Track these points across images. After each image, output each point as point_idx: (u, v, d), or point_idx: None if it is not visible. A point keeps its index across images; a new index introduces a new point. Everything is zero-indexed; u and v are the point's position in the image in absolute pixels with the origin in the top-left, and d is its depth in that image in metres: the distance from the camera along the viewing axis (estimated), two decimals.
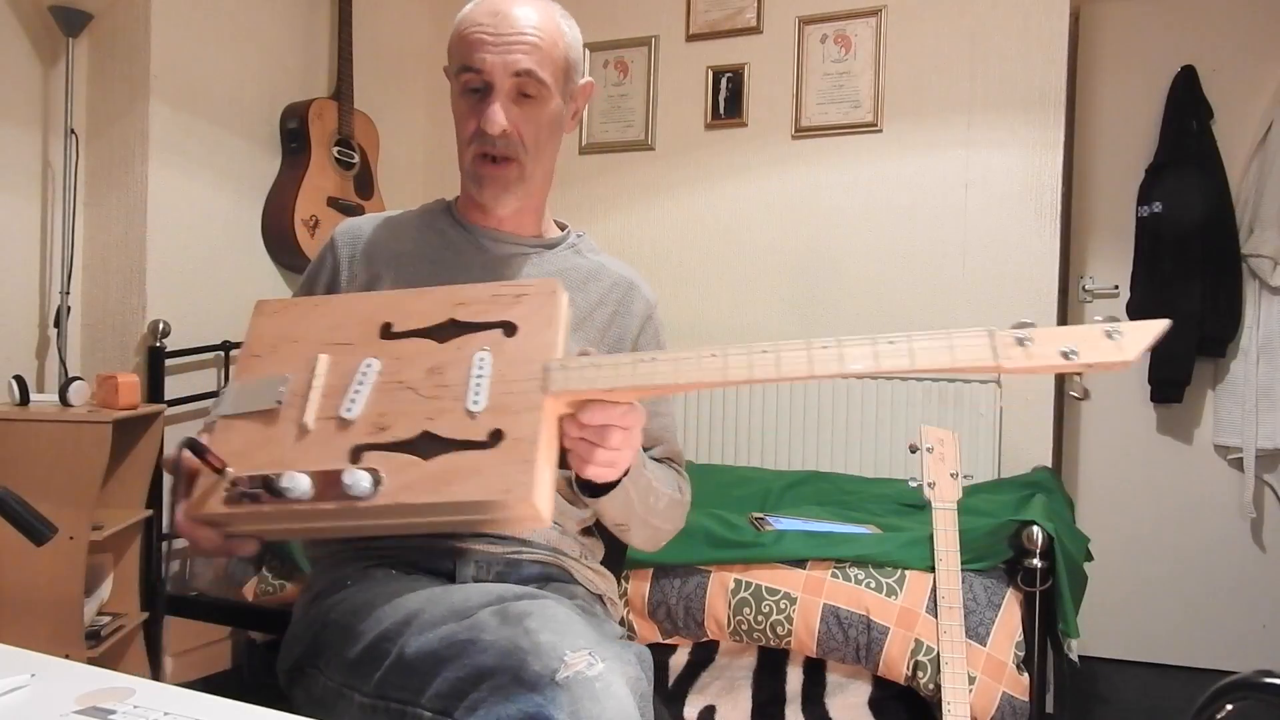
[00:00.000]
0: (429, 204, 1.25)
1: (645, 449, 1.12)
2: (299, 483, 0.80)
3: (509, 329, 0.89)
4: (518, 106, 1.09)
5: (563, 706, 0.76)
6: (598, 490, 0.97)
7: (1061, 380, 2.99)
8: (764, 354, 0.79)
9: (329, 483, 0.80)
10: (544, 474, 0.79)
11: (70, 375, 2.34)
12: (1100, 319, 0.74)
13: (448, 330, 0.90)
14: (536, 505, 0.76)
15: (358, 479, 0.79)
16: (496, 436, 0.81)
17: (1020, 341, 0.75)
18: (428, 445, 0.82)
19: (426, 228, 1.20)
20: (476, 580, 1.05)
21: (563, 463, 0.88)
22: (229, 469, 0.82)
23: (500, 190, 1.12)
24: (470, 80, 1.08)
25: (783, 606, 1.84)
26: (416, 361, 0.89)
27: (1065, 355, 0.73)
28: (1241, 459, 2.80)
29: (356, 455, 0.82)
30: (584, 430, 0.84)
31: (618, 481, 0.96)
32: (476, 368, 0.86)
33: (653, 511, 1.10)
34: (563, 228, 1.27)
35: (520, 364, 0.86)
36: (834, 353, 0.79)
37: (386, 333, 0.92)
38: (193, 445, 0.83)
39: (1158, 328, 0.72)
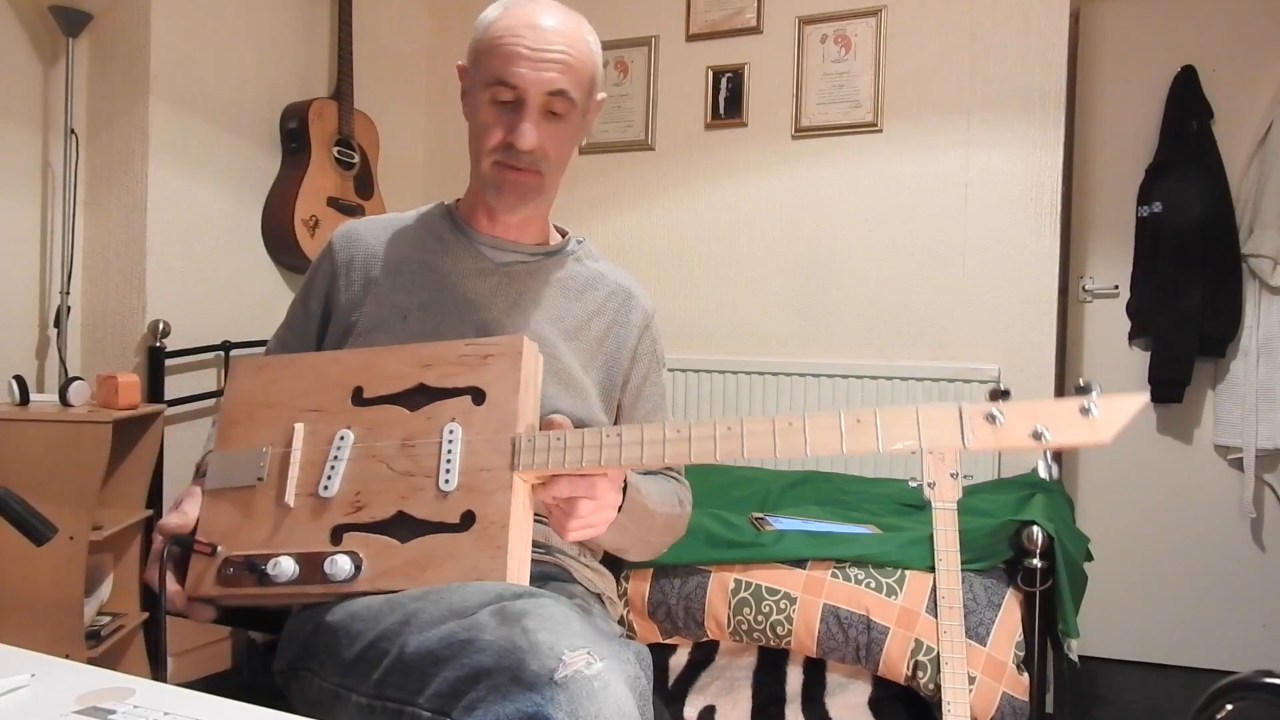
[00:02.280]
0: (428, 208, 1.24)
1: None
2: (284, 568, 0.86)
3: (477, 396, 0.91)
4: (546, 123, 1.09)
5: (561, 706, 0.76)
6: None
7: (1062, 375, 2.99)
8: (728, 431, 0.81)
9: (312, 566, 0.86)
10: (517, 551, 0.85)
11: (70, 375, 2.34)
12: (1077, 390, 0.70)
13: (417, 397, 0.93)
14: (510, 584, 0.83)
15: (339, 565, 0.85)
16: (469, 519, 0.85)
17: (989, 418, 0.74)
18: (403, 527, 0.87)
19: (426, 233, 1.19)
20: None
21: None
22: (219, 548, 0.89)
23: (518, 200, 1.13)
24: (502, 93, 1.08)
25: (783, 606, 1.84)
26: (388, 431, 0.93)
27: (1035, 436, 0.71)
28: (1241, 459, 2.80)
29: (337, 536, 0.88)
30: (554, 501, 0.89)
31: None
32: (446, 441, 0.90)
33: (651, 530, 1.10)
34: (564, 234, 1.27)
35: (489, 435, 0.89)
36: (799, 429, 0.79)
37: (358, 398, 0.96)
38: (179, 542, 0.89)
39: (1135, 404, 0.69)
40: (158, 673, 0.95)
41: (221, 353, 2.72)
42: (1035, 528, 1.78)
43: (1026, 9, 2.82)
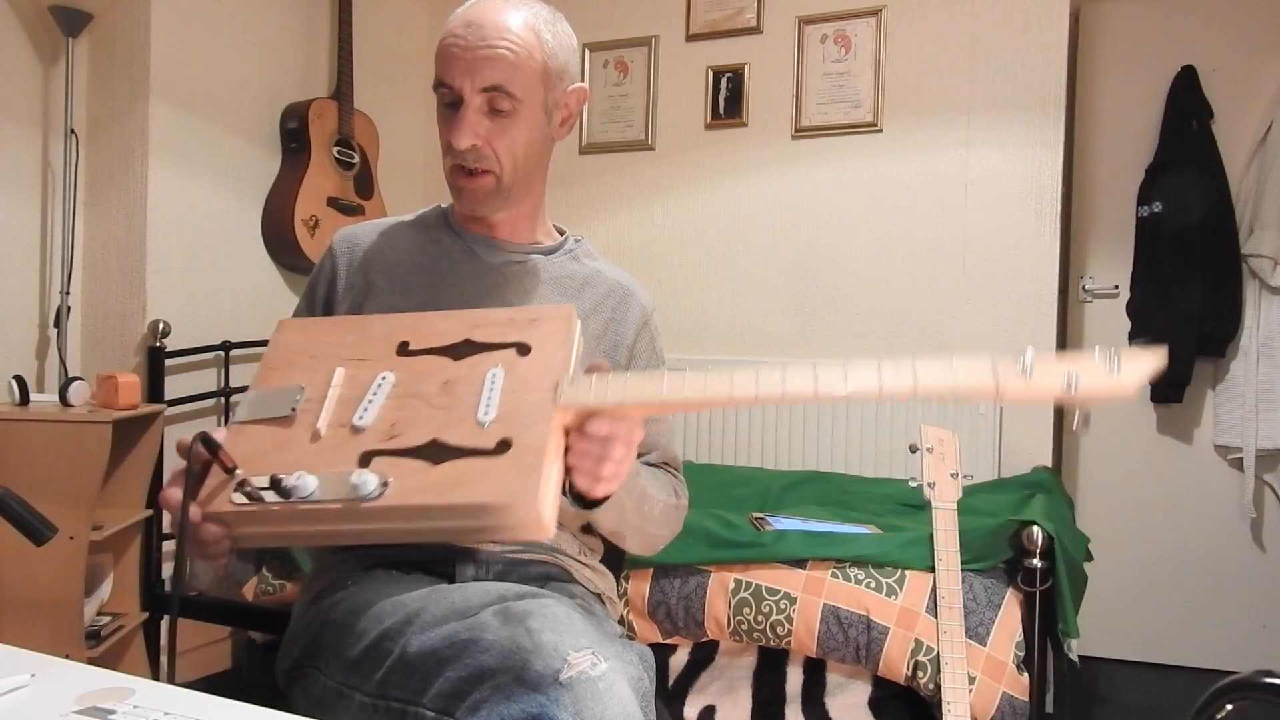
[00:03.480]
0: (426, 211, 1.24)
1: (640, 455, 1.12)
2: (306, 482, 0.81)
3: (523, 349, 0.91)
4: (490, 120, 1.08)
5: (566, 706, 0.76)
6: (592, 503, 0.97)
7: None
8: (773, 372, 0.82)
9: (336, 484, 0.81)
10: (549, 482, 0.81)
11: (70, 375, 2.34)
12: (1097, 348, 0.75)
13: (463, 349, 0.93)
14: (540, 510, 0.77)
15: (365, 479, 0.80)
16: (504, 445, 0.82)
17: (1023, 369, 0.76)
18: (436, 452, 0.83)
19: (423, 236, 1.19)
20: (476, 580, 1.05)
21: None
22: (238, 470, 0.83)
23: (475, 202, 1.12)
24: (444, 95, 1.08)
25: (783, 606, 1.84)
26: (430, 376, 0.91)
27: (1068, 385, 0.74)
28: (1241, 459, 2.80)
29: (366, 460, 0.83)
30: (588, 442, 0.85)
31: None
32: (489, 382, 0.88)
33: (648, 519, 1.10)
34: (561, 233, 1.26)
35: (532, 380, 0.88)
36: (839, 371, 0.81)
37: (403, 350, 0.94)
38: (206, 440, 0.83)
39: (1154, 359, 0.73)
40: (186, 575, 0.89)
41: (221, 353, 2.72)
42: (1035, 528, 1.78)
43: (1026, 9, 2.82)
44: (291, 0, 2.99)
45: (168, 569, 2.58)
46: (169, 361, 2.55)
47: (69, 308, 2.45)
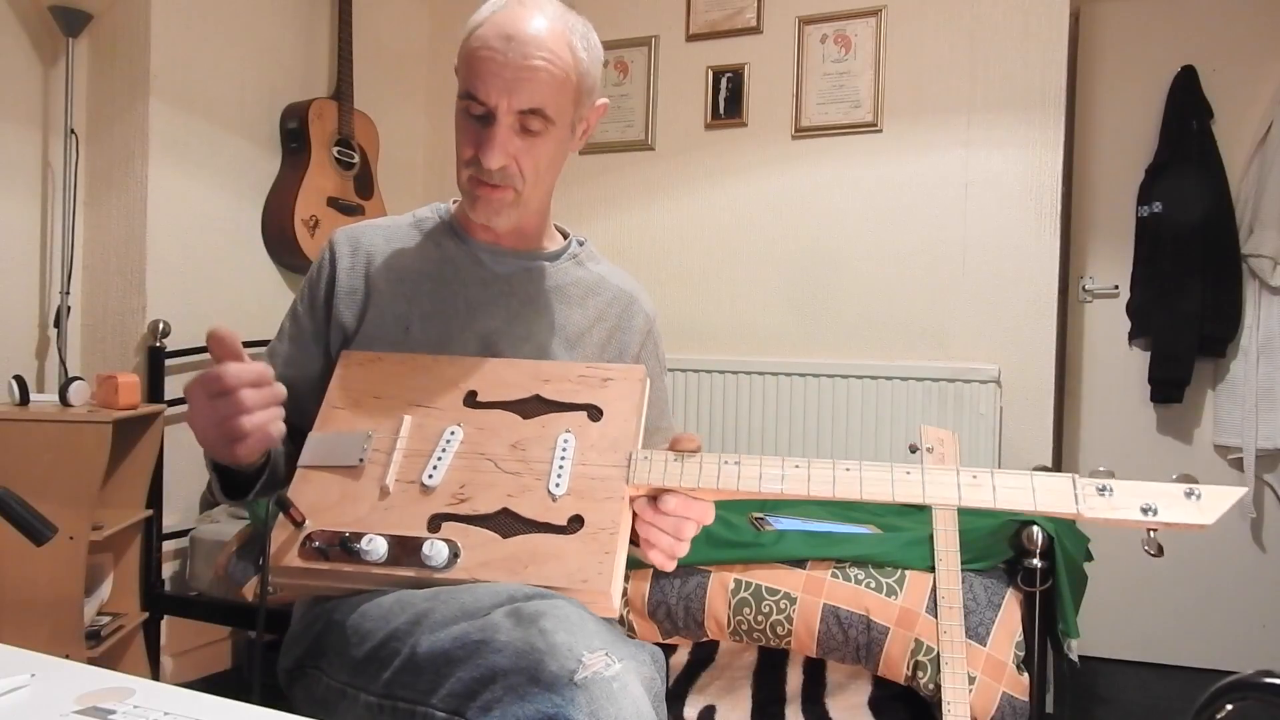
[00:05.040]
0: (425, 212, 1.22)
1: None
2: (377, 546, 0.81)
3: (594, 413, 0.91)
4: (520, 139, 1.05)
5: (581, 707, 0.76)
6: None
7: (1062, 375, 2.99)
8: (847, 471, 0.81)
9: (407, 550, 0.81)
10: (620, 564, 0.82)
11: (70, 375, 2.34)
12: (1175, 478, 0.75)
13: (532, 406, 0.92)
14: (612, 595, 0.79)
15: (437, 550, 0.80)
16: (576, 522, 0.82)
17: (1101, 490, 0.76)
18: (508, 524, 0.83)
19: (425, 240, 1.17)
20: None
21: None
22: (307, 522, 0.83)
23: (492, 213, 1.10)
24: (473, 108, 1.05)
25: (783, 606, 1.84)
26: (500, 434, 0.90)
27: (1144, 511, 0.74)
28: (1241, 459, 2.80)
29: (435, 524, 0.83)
30: (663, 519, 0.86)
31: None
32: (560, 449, 0.88)
33: None
34: (564, 235, 1.26)
35: (604, 450, 0.87)
36: (916, 479, 0.81)
37: (471, 401, 0.93)
38: (279, 502, 0.84)
39: (1236, 493, 0.73)
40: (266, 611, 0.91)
41: None
42: (1035, 528, 1.78)
43: (1026, 9, 2.82)
44: (291, 0, 2.99)
45: (168, 569, 2.58)
46: (169, 361, 2.55)
47: (69, 308, 2.45)
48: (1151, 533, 0.75)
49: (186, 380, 2.73)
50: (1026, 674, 1.73)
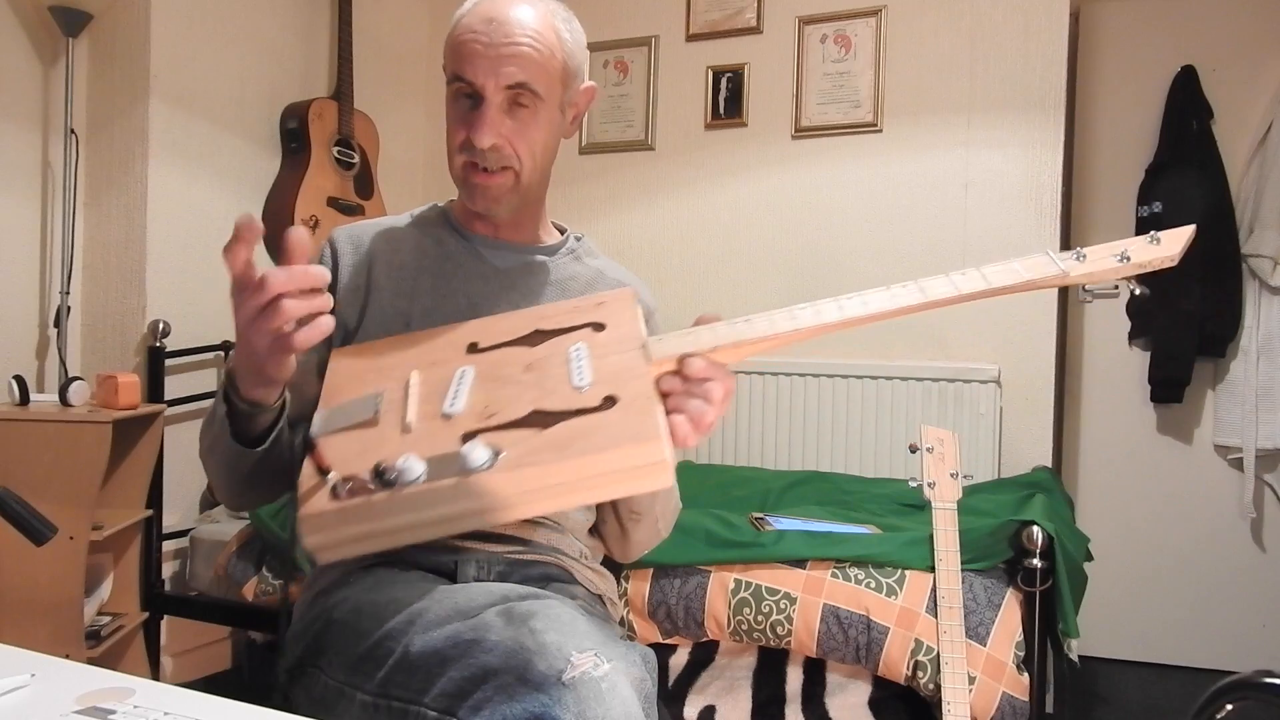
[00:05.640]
0: (422, 210, 1.22)
1: None
2: (412, 464, 0.74)
3: (597, 326, 0.90)
4: (511, 118, 1.06)
5: (569, 707, 0.76)
6: None
7: (1062, 375, 2.99)
8: (850, 298, 0.84)
9: (443, 463, 0.75)
10: (664, 425, 0.78)
11: (70, 375, 2.34)
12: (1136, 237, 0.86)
13: (535, 338, 0.91)
14: (664, 448, 0.74)
15: (475, 450, 0.74)
16: (610, 401, 0.79)
17: (1078, 256, 0.85)
18: (542, 419, 0.79)
19: (424, 237, 1.17)
20: (478, 580, 1.05)
21: None
22: (333, 472, 0.77)
23: (492, 201, 1.11)
24: (461, 89, 1.06)
25: (783, 606, 1.84)
26: (512, 363, 0.88)
27: (1119, 258, 0.83)
28: (1241, 459, 2.80)
29: (468, 439, 0.77)
30: (688, 384, 0.83)
31: None
32: (574, 355, 0.86)
33: (667, 509, 1.13)
34: (562, 231, 1.26)
35: (617, 347, 0.86)
36: (914, 287, 0.85)
37: (474, 349, 0.91)
38: (307, 442, 0.80)
39: (1187, 231, 0.86)
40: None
41: (221, 353, 2.72)
42: (1035, 528, 1.78)
43: (1026, 9, 2.82)
44: (291, 0, 2.99)
45: (168, 569, 2.58)
46: (169, 361, 2.55)
47: (69, 308, 2.45)
48: (1132, 284, 0.86)
49: (185, 379, 2.68)
50: (1026, 674, 1.73)
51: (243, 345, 0.87)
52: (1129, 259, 0.84)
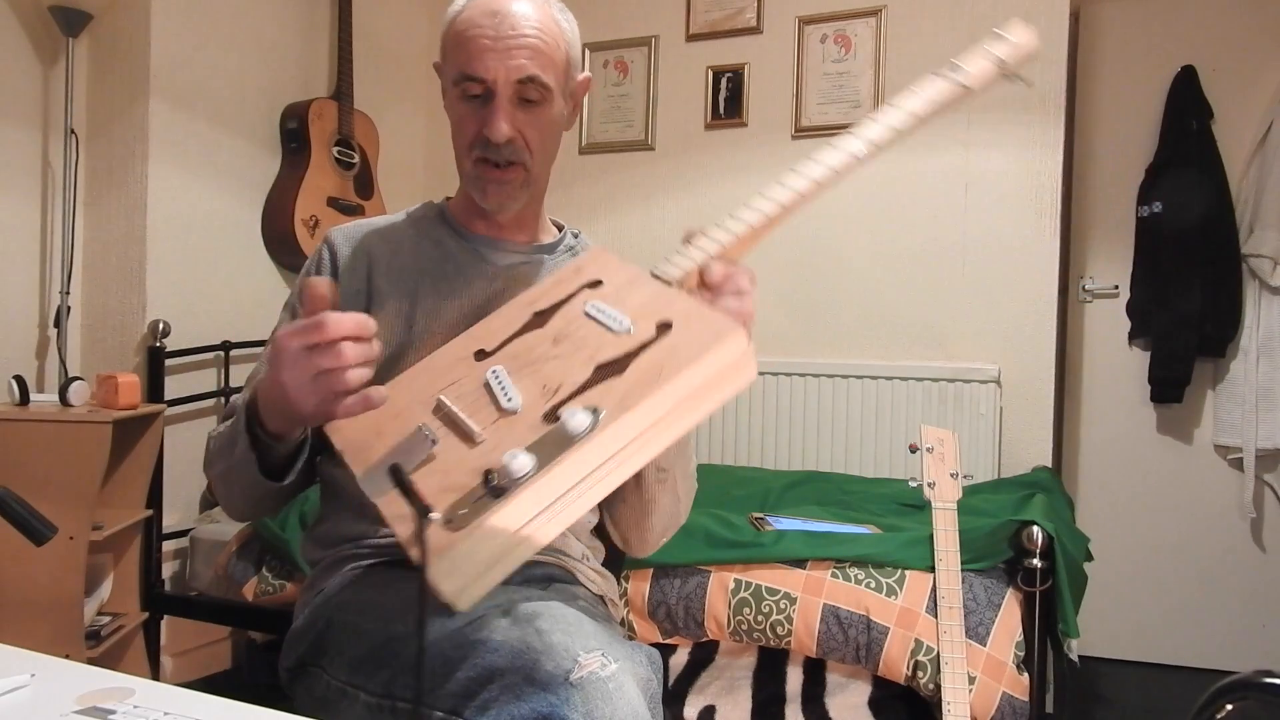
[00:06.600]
0: (417, 209, 1.21)
1: None
2: (519, 460, 0.68)
3: (593, 284, 0.88)
4: (521, 112, 1.06)
5: (576, 707, 0.76)
6: None
7: (1062, 375, 2.99)
8: (804, 165, 0.91)
9: (544, 445, 0.70)
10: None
11: (70, 375, 2.34)
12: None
13: (539, 319, 0.87)
14: (746, 336, 0.74)
15: (574, 416, 0.69)
16: (665, 326, 0.77)
17: (953, 69, 0.94)
18: (611, 369, 0.75)
19: (423, 238, 1.16)
20: None
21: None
22: (433, 513, 0.68)
23: (505, 199, 1.10)
24: (471, 88, 1.05)
25: (783, 606, 1.84)
26: (535, 346, 0.84)
27: (998, 65, 0.94)
28: (1241, 459, 2.80)
29: (551, 417, 0.73)
30: (716, 289, 0.87)
31: None
32: (596, 312, 0.83)
33: (687, 476, 1.11)
34: (559, 228, 1.26)
35: (628, 289, 0.85)
36: (850, 140, 0.92)
37: (483, 355, 0.86)
38: (397, 474, 0.72)
39: (1030, 34, 0.95)
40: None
41: (221, 352, 2.72)
42: (1035, 528, 1.78)
43: (1026, 9, 2.82)
44: (291, 0, 2.99)
45: (168, 569, 2.58)
46: (169, 361, 2.55)
47: (69, 308, 2.45)
48: (1013, 77, 0.95)
49: (185, 379, 2.68)
50: (1026, 674, 1.73)
51: (276, 385, 0.81)
52: (1001, 47, 0.95)
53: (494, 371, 0.82)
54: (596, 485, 0.71)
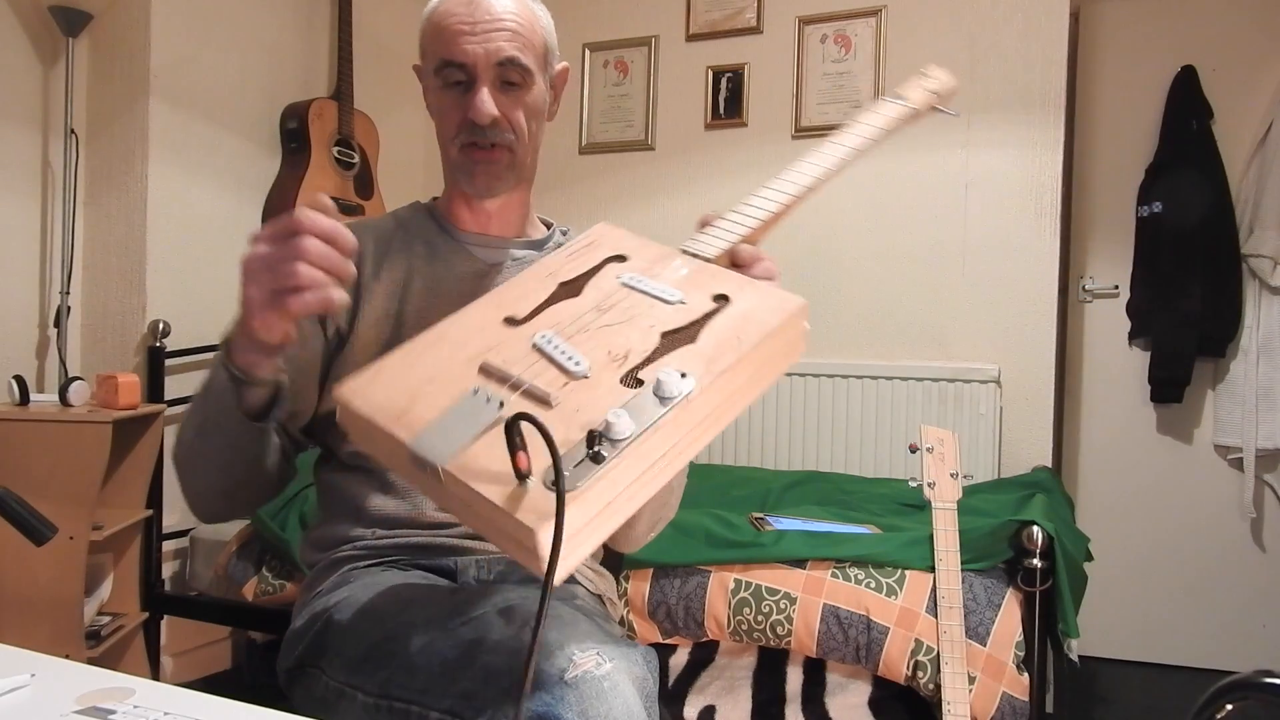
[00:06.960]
0: (406, 210, 1.21)
1: None
2: (620, 420, 0.64)
3: (619, 259, 0.87)
4: (504, 95, 1.07)
5: (571, 706, 0.76)
6: None
7: (1062, 375, 2.99)
8: (801, 164, 1.04)
9: (636, 408, 0.66)
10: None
11: (70, 375, 2.34)
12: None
13: (568, 289, 0.83)
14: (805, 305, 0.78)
15: (668, 377, 0.66)
16: (723, 298, 0.77)
17: (896, 99, 1.07)
18: (681, 337, 0.73)
19: (411, 236, 1.16)
20: (478, 580, 1.05)
21: None
22: (530, 476, 0.63)
23: (493, 179, 1.10)
24: (452, 75, 1.06)
25: (783, 606, 1.84)
26: (577, 314, 0.79)
27: (930, 94, 1.09)
28: (1241, 459, 2.80)
29: (632, 382, 0.70)
30: (748, 269, 0.89)
31: None
32: (636, 281, 0.81)
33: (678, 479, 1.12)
34: (548, 225, 1.25)
35: (660, 265, 0.84)
36: (832, 145, 1.10)
37: (514, 322, 0.79)
38: (510, 432, 0.63)
39: (947, 77, 1.10)
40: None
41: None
42: (1035, 528, 1.78)
43: (1026, 9, 2.82)
44: (291, 0, 2.99)
45: (168, 569, 2.58)
46: (169, 361, 2.55)
47: (69, 308, 2.45)
48: (942, 109, 1.09)
49: (185, 379, 2.68)
50: (1026, 674, 1.73)
51: (241, 293, 0.80)
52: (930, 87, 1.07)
53: (544, 335, 0.76)
54: (682, 453, 0.70)
